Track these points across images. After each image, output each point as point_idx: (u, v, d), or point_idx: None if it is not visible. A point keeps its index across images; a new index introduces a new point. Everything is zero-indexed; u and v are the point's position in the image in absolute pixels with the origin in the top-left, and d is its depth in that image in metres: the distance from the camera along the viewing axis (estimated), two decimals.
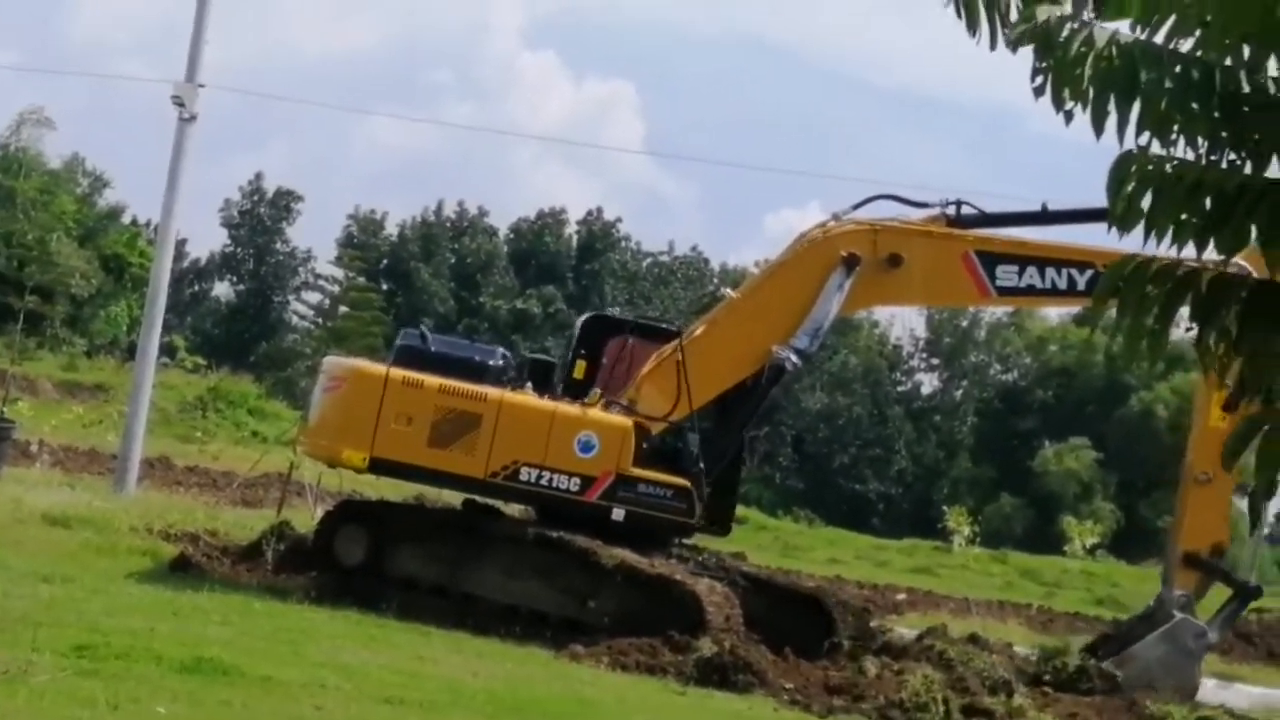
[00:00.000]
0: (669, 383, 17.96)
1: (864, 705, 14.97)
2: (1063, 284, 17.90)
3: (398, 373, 17.82)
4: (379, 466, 17.87)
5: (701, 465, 17.68)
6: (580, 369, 18.63)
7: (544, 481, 17.45)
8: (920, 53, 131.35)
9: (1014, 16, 5.34)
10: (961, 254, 18.08)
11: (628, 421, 17.67)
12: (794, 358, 18.00)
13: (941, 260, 18.18)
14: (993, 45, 5.40)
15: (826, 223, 18.48)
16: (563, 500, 17.53)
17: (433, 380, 17.63)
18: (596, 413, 17.73)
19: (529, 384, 18.35)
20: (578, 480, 17.44)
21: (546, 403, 17.87)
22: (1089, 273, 17.54)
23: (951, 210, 18.57)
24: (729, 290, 19.71)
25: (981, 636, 18.68)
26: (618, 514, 17.41)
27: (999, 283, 18.00)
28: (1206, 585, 18.83)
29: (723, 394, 18.21)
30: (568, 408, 17.84)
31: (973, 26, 5.38)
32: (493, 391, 17.64)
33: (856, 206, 18.54)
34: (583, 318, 20.14)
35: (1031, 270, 17.94)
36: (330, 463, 19.24)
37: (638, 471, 17.47)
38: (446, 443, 17.48)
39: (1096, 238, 17.81)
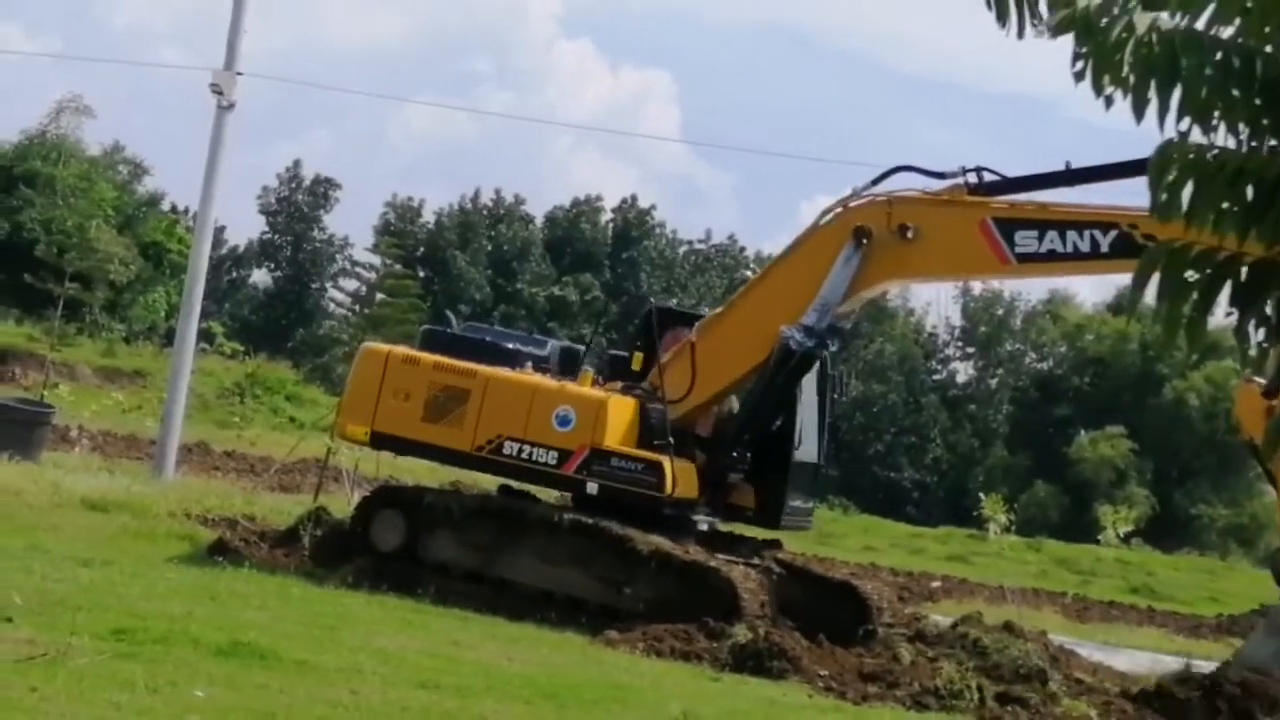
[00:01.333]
0: (686, 367, 18.01)
1: (898, 692, 14.96)
2: (1085, 246, 16.68)
3: (399, 351, 18.63)
4: (378, 441, 18.70)
5: (671, 440, 17.56)
6: (638, 360, 18.61)
7: (524, 455, 17.66)
8: (956, 42, 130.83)
9: (1043, 7, 5.34)
10: (978, 221, 17.18)
11: (603, 395, 17.75)
12: (798, 335, 17.51)
13: (958, 229, 17.33)
14: (1020, 34, 5.39)
15: (848, 199, 17.94)
16: (542, 474, 17.77)
17: (428, 357, 18.27)
18: (574, 387, 17.90)
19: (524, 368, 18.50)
20: (555, 454, 17.59)
21: (529, 377, 18.08)
22: (1113, 233, 16.46)
23: (973, 178, 17.55)
24: (750, 274, 19.61)
25: (1016, 624, 18.59)
26: (591, 487, 17.52)
27: (1018, 249, 16.94)
28: None
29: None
30: (548, 382, 18.02)
31: (1002, 17, 5.38)
32: (482, 368, 18.01)
33: (876, 181, 17.83)
34: (645, 309, 20.03)
35: (1052, 234, 16.80)
36: (341, 438, 20.21)
37: (612, 445, 17.48)
38: (438, 418, 17.97)
39: (1127, 197, 16.83)
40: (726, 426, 18.46)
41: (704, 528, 18.28)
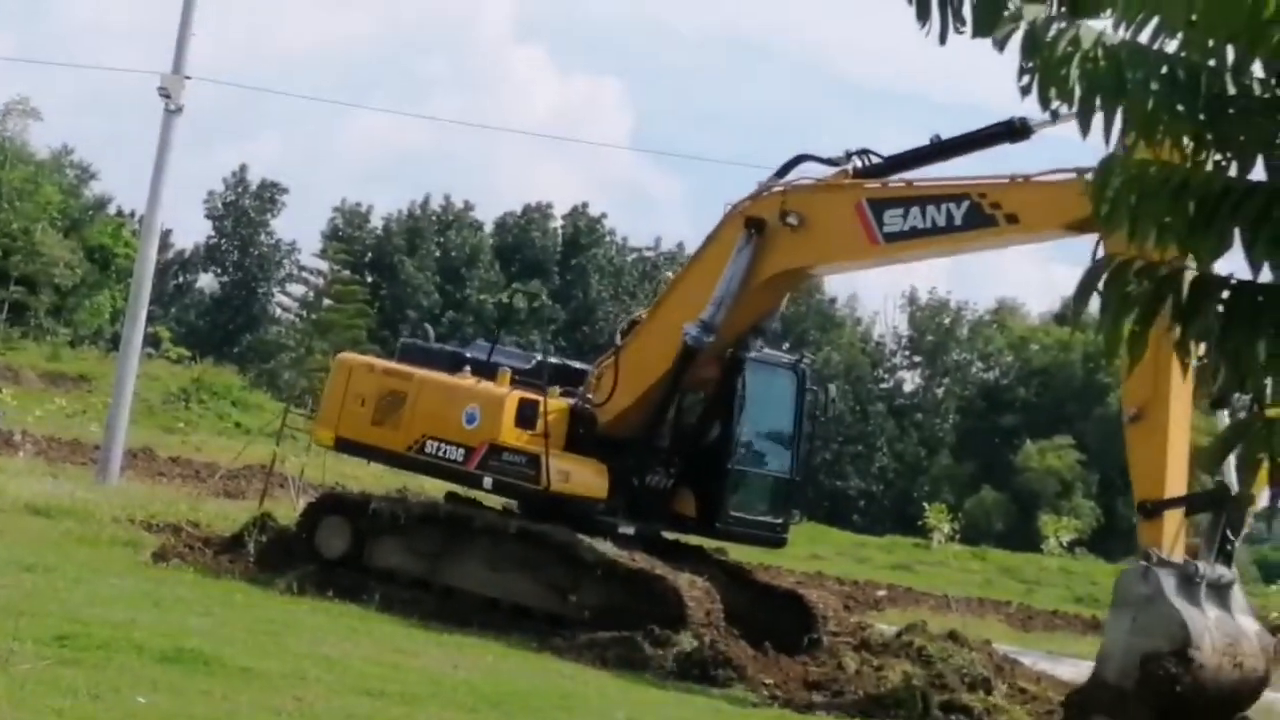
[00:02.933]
0: (611, 374, 18.14)
1: (843, 701, 15.02)
2: (942, 220, 16.67)
3: (362, 359, 19.46)
4: (341, 445, 19.22)
5: (547, 435, 17.60)
6: None
7: (441, 453, 17.98)
8: (912, 50, 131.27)
9: (966, 10, 5.30)
10: (855, 204, 17.17)
11: (503, 391, 17.85)
12: (694, 331, 17.52)
13: (837, 214, 17.33)
14: (942, 40, 5.32)
15: (755, 193, 17.89)
16: (452, 471, 18.03)
17: (381, 363, 19.16)
18: (483, 385, 18.06)
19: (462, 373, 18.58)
20: (463, 450, 17.83)
21: (448, 378, 18.31)
22: (965, 204, 16.51)
23: (859, 162, 17.61)
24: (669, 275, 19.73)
25: (961, 633, 18.65)
26: (487, 482, 17.81)
27: (886, 229, 16.94)
28: (1194, 530, 15.82)
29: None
30: (462, 382, 18.20)
31: (923, 16, 5.32)
32: (417, 371, 18.47)
33: (778, 173, 17.91)
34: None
35: (914, 211, 16.82)
36: (316, 444, 21.06)
37: (506, 441, 17.65)
38: (383, 420, 18.43)
39: (1007, 164, 16.89)
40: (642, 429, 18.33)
41: (628, 531, 18.02)
